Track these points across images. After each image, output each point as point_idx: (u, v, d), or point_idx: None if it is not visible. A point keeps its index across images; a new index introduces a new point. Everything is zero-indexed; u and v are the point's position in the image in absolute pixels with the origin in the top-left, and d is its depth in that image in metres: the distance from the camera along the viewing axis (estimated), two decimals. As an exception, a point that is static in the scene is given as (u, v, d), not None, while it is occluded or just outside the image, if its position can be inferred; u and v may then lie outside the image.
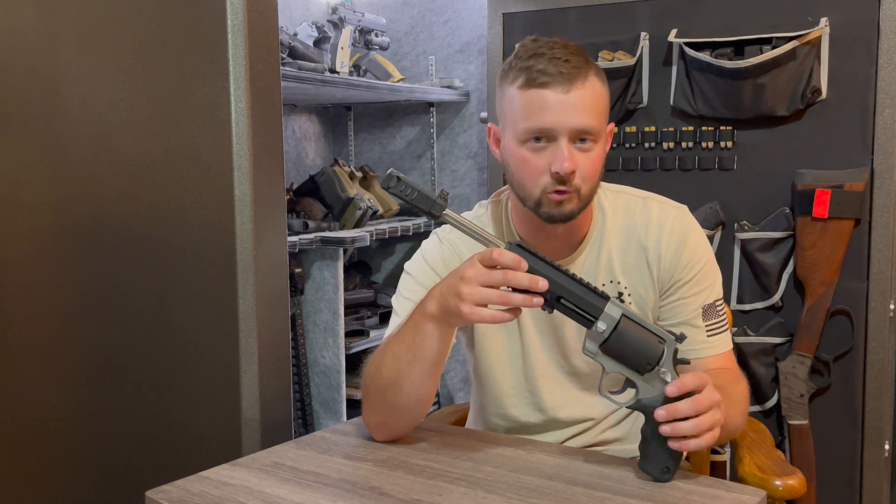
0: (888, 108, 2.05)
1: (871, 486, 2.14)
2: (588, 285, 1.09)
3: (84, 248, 1.67)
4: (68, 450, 1.74)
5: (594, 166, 1.24)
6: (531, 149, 1.24)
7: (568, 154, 1.21)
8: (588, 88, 1.22)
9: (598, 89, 1.25)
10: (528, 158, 1.24)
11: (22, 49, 1.68)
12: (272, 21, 1.50)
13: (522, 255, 1.08)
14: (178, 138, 1.52)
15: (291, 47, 2.36)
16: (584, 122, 1.21)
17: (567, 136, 1.22)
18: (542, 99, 1.22)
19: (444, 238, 1.40)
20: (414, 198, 1.11)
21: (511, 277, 1.07)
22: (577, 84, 1.21)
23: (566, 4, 2.39)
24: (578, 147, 1.23)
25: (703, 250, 1.34)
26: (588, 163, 1.23)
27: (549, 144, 1.23)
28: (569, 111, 1.21)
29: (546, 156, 1.23)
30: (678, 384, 1.07)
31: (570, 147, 1.22)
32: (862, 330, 2.11)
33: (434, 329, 1.16)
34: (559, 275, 1.09)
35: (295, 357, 2.43)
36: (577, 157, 1.22)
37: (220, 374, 1.52)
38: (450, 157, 3.02)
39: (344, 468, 1.19)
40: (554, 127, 1.21)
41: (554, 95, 1.21)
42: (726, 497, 1.06)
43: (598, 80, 1.25)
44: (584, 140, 1.23)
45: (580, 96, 1.21)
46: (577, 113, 1.21)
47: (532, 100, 1.22)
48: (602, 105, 1.26)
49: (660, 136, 2.31)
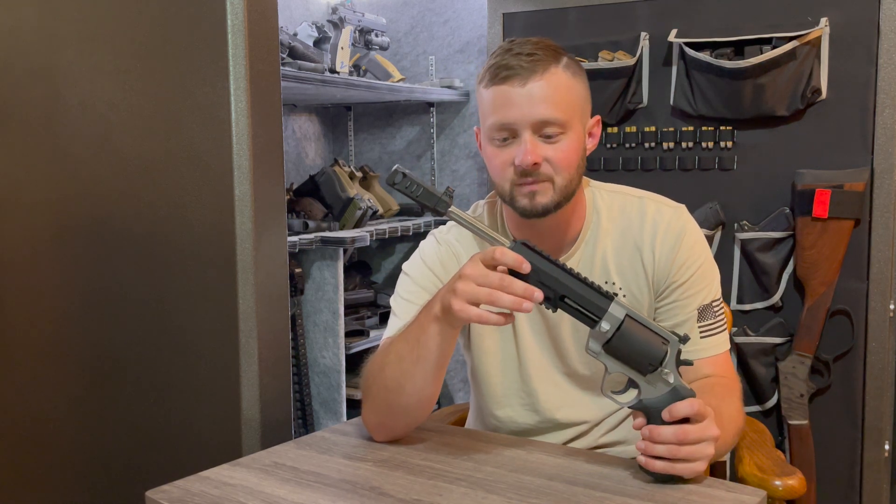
0: (888, 108, 2.05)
1: (871, 486, 2.14)
2: (592, 284, 1.09)
3: (84, 248, 1.67)
4: (68, 450, 1.74)
5: (565, 157, 1.24)
6: (498, 145, 1.25)
7: (530, 147, 1.21)
8: (547, 79, 1.22)
9: (561, 80, 1.24)
10: (496, 154, 1.26)
11: (22, 49, 1.68)
12: (272, 21, 1.50)
13: (527, 253, 1.08)
14: (178, 138, 1.52)
15: (291, 47, 2.36)
16: (544, 113, 1.21)
17: (529, 128, 1.22)
18: (503, 94, 1.23)
19: (442, 239, 1.40)
20: (419, 194, 1.10)
21: (507, 284, 1.06)
22: (534, 77, 1.22)
23: (566, 4, 2.39)
24: (545, 140, 1.23)
25: (699, 250, 1.33)
26: (558, 154, 1.23)
27: (515, 140, 1.24)
28: (527, 104, 1.21)
29: (511, 150, 1.24)
30: (672, 410, 1.06)
31: (534, 139, 1.22)
32: (862, 330, 2.11)
33: (437, 329, 1.16)
34: (563, 273, 1.08)
35: (295, 357, 2.43)
36: (543, 148, 1.22)
37: (220, 374, 1.52)
38: (450, 157, 3.02)
39: (344, 468, 1.19)
40: (514, 121, 1.22)
41: (512, 90, 1.22)
42: (726, 497, 1.06)
43: (564, 72, 1.25)
44: (551, 132, 1.23)
45: (538, 87, 1.22)
46: (535, 105, 1.21)
47: (495, 96, 1.24)
48: (569, 95, 1.25)
49: (660, 136, 2.31)
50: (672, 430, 1.06)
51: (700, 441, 1.07)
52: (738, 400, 1.27)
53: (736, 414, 1.23)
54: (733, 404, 1.24)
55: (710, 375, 1.29)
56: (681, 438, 1.06)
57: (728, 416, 1.17)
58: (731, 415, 1.19)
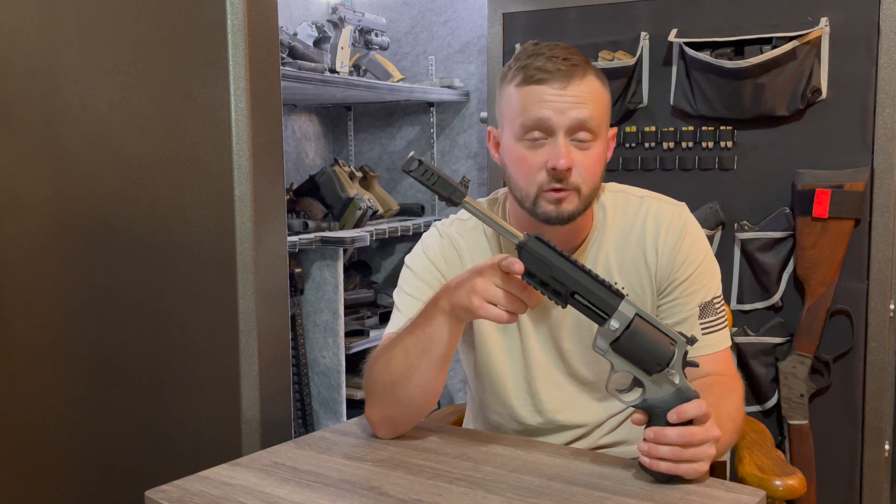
0: (888, 108, 2.05)
1: (871, 486, 2.14)
2: (604, 282, 1.08)
3: (84, 248, 1.67)
4: (68, 450, 1.74)
5: (593, 166, 1.24)
6: (528, 145, 1.23)
7: (565, 150, 1.21)
8: (586, 85, 1.22)
9: (596, 88, 1.24)
10: (526, 155, 1.24)
11: (22, 49, 1.68)
12: (272, 21, 1.50)
13: (540, 248, 1.07)
14: (178, 138, 1.52)
15: (291, 47, 2.36)
16: (582, 114, 1.21)
17: (564, 131, 1.21)
18: (540, 94, 1.22)
19: (444, 232, 1.40)
20: (434, 183, 1.09)
21: (527, 298, 1.10)
22: (574, 80, 1.22)
23: (566, 4, 2.39)
24: (576, 145, 1.22)
25: (699, 247, 1.33)
26: (587, 162, 1.22)
27: (547, 141, 1.22)
28: (566, 105, 1.21)
29: (543, 152, 1.22)
30: (679, 411, 1.06)
31: (568, 143, 1.21)
32: (862, 330, 2.11)
33: (444, 321, 1.17)
34: (575, 269, 1.08)
35: (295, 357, 2.43)
36: (575, 154, 1.22)
37: (220, 374, 1.52)
38: (450, 157, 3.02)
39: (343, 468, 1.19)
40: (551, 118, 1.21)
41: (551, 90, 1.21)
42: (726, 497, 1.06)
43: (597, 80, 1.25)
44: (583, 139, 1.22)
45: (577, 91, 1.21)
46: (574, 107, 1.21)
47: (529, 95, 1.22)
48: (601, 104, 1.25)
49: (660, 136, 2.30)
50: (677, 432, 1.06)
51: (703, 442, 1.07)
52: (739, 398, 1.27)
53: (735, 413, 1.23)
54: (732, 403, 1.24)
55: (710, 373, 1.29)
56: (686, 440, 1.06)
57: (727, 416, 1.17)
58: (729, 414, 1.19)
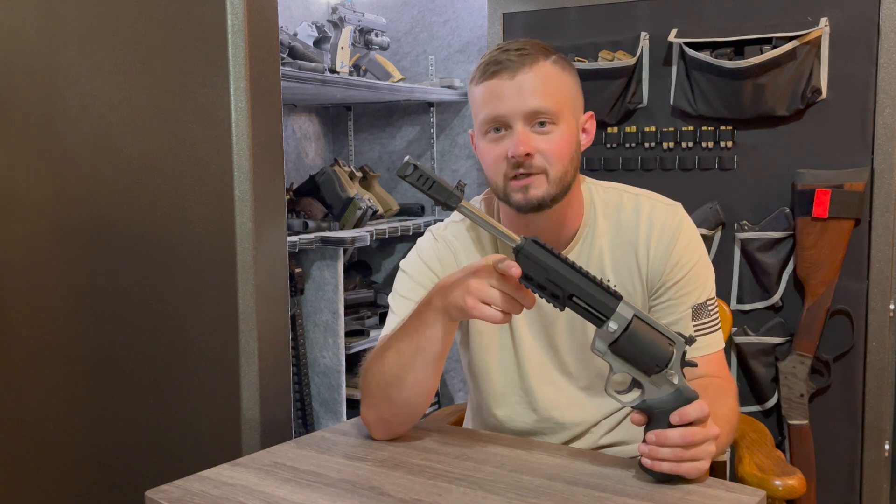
0: (888, 108, 2.05)
1: (871, 486, 2.14)
2: (601, 284, 1.08)
3: (84, 247, 1.67)
4: (68, 450, 1.74)
5: (557, 149, 1.25)
6: (491, 140, 1.27)
7: (522, 137, 1.23)
8: (536, 72, 1.24)
9: (551, 73, 1.26)
10: (490, 149, 1.27)
11: (22, 49, 1.68)
12: (272, 21, 1.50)
13: (537, 250, 1.07)
14: (178, 138, 1.52)
15: (291, 47, 2.36)
16: (533, 103, 1.23)
17: (521, 120, 1.23)
18: (493, 88, 1.25)
19: (440, 236, 1.40)
20: (430, 187, 1.08)
21: (522, 299, 1.10)
22: (524, 69, 1.24)
23: (566, 4, 2.39)
24: (536, 130, 1.24)
25: (693, 249, 1.32)
26: (549, 145, 1.24)
27: (507, 132, 1.25)
28: (517, 95, 1.23)
29: (504, 144, 1.25)
30: (681, 414, 1.06)
31: (526, 130, 1.24)
32: (862, 330, 2.11)
33: (437, 321, 1.17)
34: (572, 272, 1.07)
35: (295, 357, 2.43)
36: (535, 139, 1.24)
37: (220, 374, 1.52)
38: (450, 157, 3.02)
39: (343, 468, 1.19)
40: (505, 113, 1.24)
41: (501, 82, 1.24)
42: (725, 497, 1.06)
43: (553, 66, 1.27)
44: (543, 123, 1.24)
45: (527, 79, 1.24)
46: (524, 95, 1.23)
47: (485, 91, 1.26)
48: (560, 89, 1.26)
49: (660, 136, 2.31)
50: (679, 433, 1.06)
51: (704, 441, 1.07)
52: (734, 399, 1.27)
53: (730, 413, 1.23)
54: (727, 404, 1.23)
55: (704, 375, 1.29)
56: (688, 441, 1.06)
57: (723, 417, 1.17)
58: (725, 415, 1.19)
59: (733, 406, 1.26)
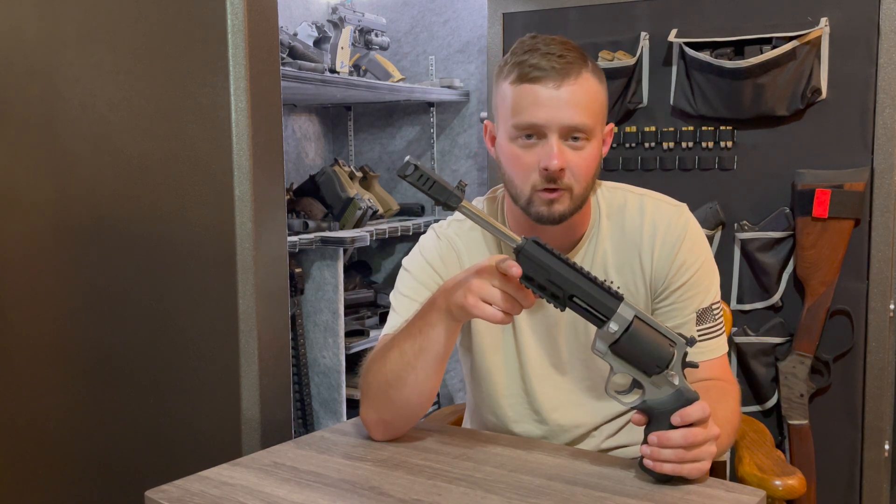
0: (888, 108, 2.05)
1: (871, 486, 2.14)
2: (602, 284, 1.08)
3: (84, 247, 1.67)
4: (68, 450, 1.74)
5: (587, 166, 1.23)
6: (521, 145, 1.23)
7: (557, 151, 1.19)
8: (581, 85, 1.21)
9: (592, 86, 1.23)
10: (519, 155, 1.23)
11: (22, 49, 1.68)
12: (272, 21, 1.50)
13: (538, 251, 1.07)
14: (178, 138, 1.52)
15: (291, 47, 2.36)
16: (576, 119, 1.20)
17: (558, 132, 1.20)
18: (534, 94, 1.20)
19: (442, 234, 1.39)
20: (430, 188, 1.08)
21: (522, 299, 1.10)
22: (569, 80, 1.20)
23: (566, 4, 2.39)
24: (570, 145, 1.21)
25: (698, 252, 1.31)
26: (580, 162, 1.21)
27: (540, 141, 1.21)
28: (560, 107, 1.19)
29: (536, 152, 1.21)
30: (683, 415, 1.06)
31: (561, 144, 1.20)
32: (862, 330, 2.11)
33: (440, 321, 1.17)
34: (573, 272, 1.07)
35: (295, 357, 2.43)
36: (568, 154, 1.21)
37: (220, 374, 1.53)
38: (450, 157, 3.02)
39: (343, 468, 1.19)
40: (544, 123, 1.20)
41: (545, 91, 1.20)
42: (725, 497, 1.06)
43: (593, 78, 1.23)
44: (577, 138, 1.21)
45: (572, 92, 1.20)
46: (568, 109, 1.19)
47: (523, 95, 1.21)
48: (597, 103, 1.23)
49: (660, 136, 2.30)
50: (680, 434, 1.06)
51: (705, 441, 1.07)
52: (735, 402, 1.26)
53: (731, 415, 1.22)
54: (729, 406, 1.23)
55: (707, 379, 1.28)
56: (690, 442, 1.06)
57: (723, 418, 1.16)
58: (726, 416, 1.19)
59: (734, 408, 1.25)
